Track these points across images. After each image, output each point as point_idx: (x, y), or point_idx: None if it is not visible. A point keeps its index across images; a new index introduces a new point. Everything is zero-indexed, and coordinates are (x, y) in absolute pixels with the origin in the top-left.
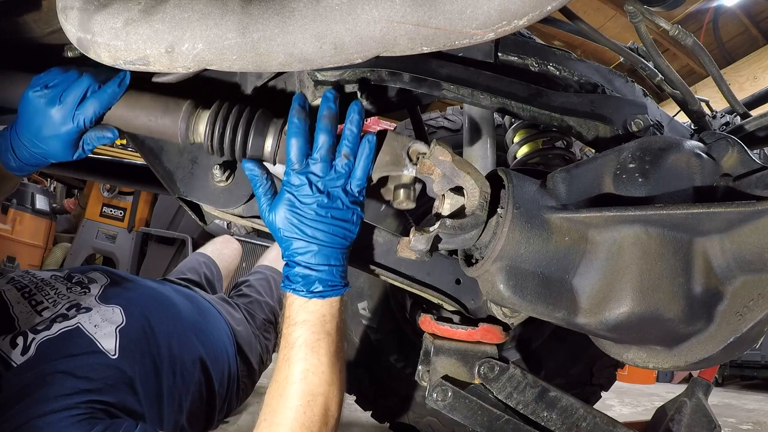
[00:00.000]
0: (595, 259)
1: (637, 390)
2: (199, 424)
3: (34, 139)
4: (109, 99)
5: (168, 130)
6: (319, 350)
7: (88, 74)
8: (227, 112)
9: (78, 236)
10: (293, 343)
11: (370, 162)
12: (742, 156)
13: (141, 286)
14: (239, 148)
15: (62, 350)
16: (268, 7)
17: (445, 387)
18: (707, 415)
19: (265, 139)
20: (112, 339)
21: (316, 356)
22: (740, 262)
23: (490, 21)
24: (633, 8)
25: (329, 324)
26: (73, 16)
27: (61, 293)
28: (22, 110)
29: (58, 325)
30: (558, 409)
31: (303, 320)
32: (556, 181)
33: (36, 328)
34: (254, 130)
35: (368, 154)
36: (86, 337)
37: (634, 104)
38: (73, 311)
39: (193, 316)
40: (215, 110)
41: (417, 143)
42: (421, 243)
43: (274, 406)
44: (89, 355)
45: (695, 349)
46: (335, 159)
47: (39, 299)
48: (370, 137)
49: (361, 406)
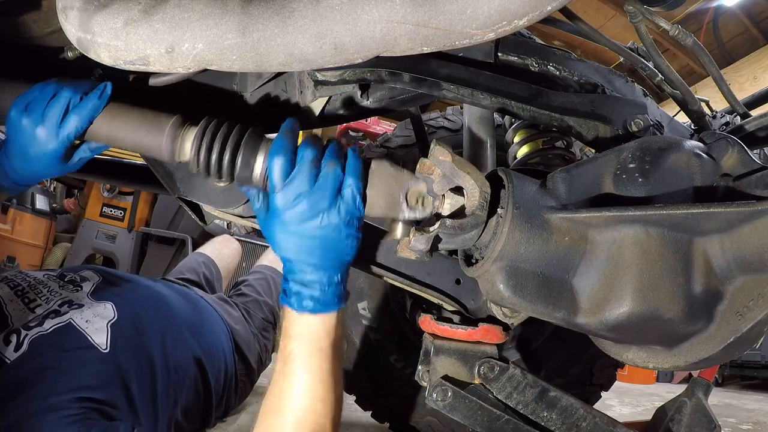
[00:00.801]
0: (595, 259)
1: (637, 390)
2: (195, 420)
3: (22, 158)
4: (90, 112)
5: (153, 147)
6: (312, 366)
7: (69, 88)
8: (215, 130)
9: (78, 236)
10: (287, 358)
11: (358, 177)
12: (742, 156)
13: (134, 284)
14: (226, 170)
15: (54, 346)
16: (268, 8)
17: (445, 387)
18: (707, 415)
19: (254, 160)
20: (103, 334)
21: (309, 372)
22: (740, 262)
23: (491, 21)
24: (633, 8)
25: (323, 340)
26: (73, 16)
27: (54, 291)
28: (7, 131)
29: (51, 322)
30: (558, 409)
31: (296, 335)
32: (556, 181)
33: (28, 325)
34: (243, 151)
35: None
36: (78, 332)
37: (634, 104)
38: (65, 308)
39: (188, 314)
40: (203, 128)
41: (418, 183)
42: (421, 243)
43: (267, 423)
44: (81, 350)
45: (695, 349)
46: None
47: (32, 297)
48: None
49: (361, 406)
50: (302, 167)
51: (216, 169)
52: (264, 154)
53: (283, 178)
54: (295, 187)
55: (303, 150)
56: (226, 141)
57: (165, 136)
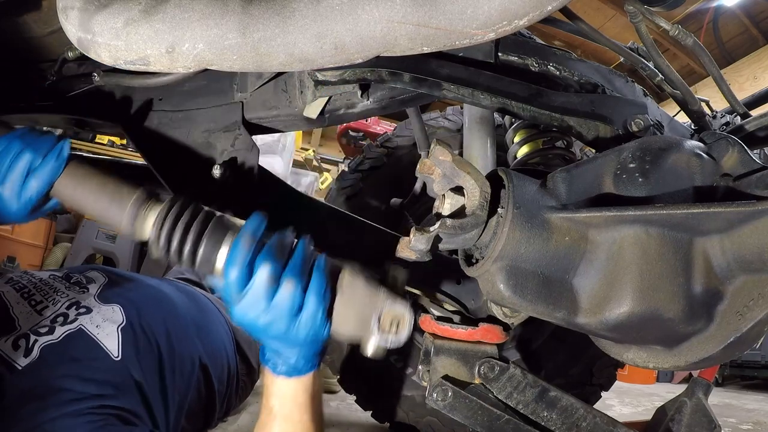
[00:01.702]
0: (595, 259)
1: (637, 390)
2: (197, 421)
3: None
4: (50, 174)
5: (114, 221)
6: (292, 419)
7: (31, 148)
8: (178, 214)
9: (78, 236)
10: (270, 411)
11: (321, 297)
12: (742, 156)
13: (139, 285)
14: (187, 260)
15: (66, 354)
16: (268, 8)
17: (445, 387)
18: (707, 415)
19: (218, 252)
20: (114, 339)
21: (291, 424)
22: (740, 261)
23: (491, 21)
24: (633, 8)
25: (301, 396)
26: (74, 16)
27: (61, 292)
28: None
29: (61, 328)
30: (558, 409)
31: (275, 393)
32: (556, 181)
33: (38, 330)
34: (206, 243)
35: (318, 286)
36: (89, 339)
37: (634, 104)
38: (73, 310)
39: (192, 313)
40: (166, 209)
41: (395, 306)
42: (421, 243)
43: None
44: (94, 359)
45: (695, 348)
46: (277, 292)
47: (38, 299)
48: (321, 260)
49: (361, 406)
50: (257, 286)
51: (176, 257)
52: (229, 246)
53: (238, 291)
54: (250, 304)
55: (261, 261)
56: (188, 228)
57: (126, 214)
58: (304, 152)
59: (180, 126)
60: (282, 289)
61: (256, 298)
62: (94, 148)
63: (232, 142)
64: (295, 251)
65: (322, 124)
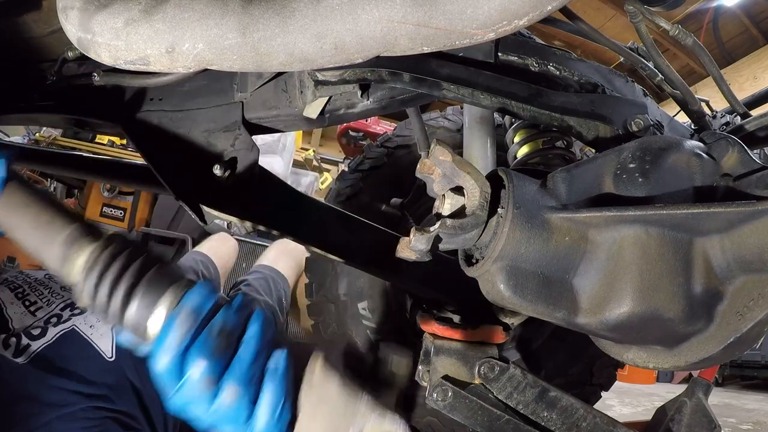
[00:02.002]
0: (595, 259)
1: (637, 390)
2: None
3: None
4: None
5: (45, 259)
6: None
7: None
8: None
9: None
10: None
11: (275, 414)
12: (743, 156)
13: None
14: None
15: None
16: (268, 7)
17: (445, 387)
18: (707, 415)
19: (152, 312)
20: (108, 339)
21: None
22: (740, 262)
23: (491, 21)
24: (633, 8)
25: None
26: (74, 16)
27: (55, 292)
28: None
29: (54, 329)
30: (558, 409)
31: None
32: (556, 181)
33: (30, 332)
34: (140, 298)
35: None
36: (82, 339)
37: (634, 104)
38: (67, 311)
39: None
40: (97, 251)
41: (382, 422)
42: (421, 243)
43: None
44: (86, 359)
45: (695, 349)
46: (217, 396)
47: (33, 299)
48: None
49: None
50: (191, 386)
51: (104, 308)
52: (167, 308)
53: (171, 385)
54: (186, 401)
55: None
56: (119, 279)
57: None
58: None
59: (180, 126)
60: (223, 395)
61: (193, 398)
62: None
63: (232, 142)
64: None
65: (322, 124)
